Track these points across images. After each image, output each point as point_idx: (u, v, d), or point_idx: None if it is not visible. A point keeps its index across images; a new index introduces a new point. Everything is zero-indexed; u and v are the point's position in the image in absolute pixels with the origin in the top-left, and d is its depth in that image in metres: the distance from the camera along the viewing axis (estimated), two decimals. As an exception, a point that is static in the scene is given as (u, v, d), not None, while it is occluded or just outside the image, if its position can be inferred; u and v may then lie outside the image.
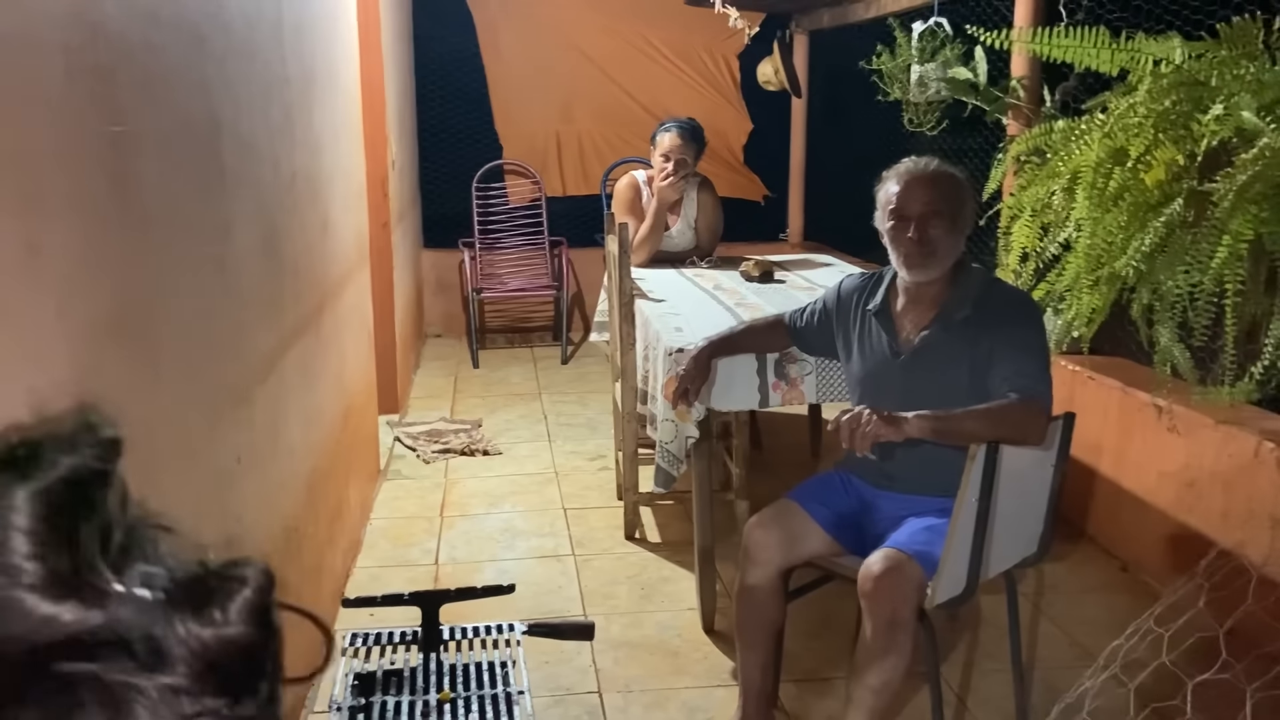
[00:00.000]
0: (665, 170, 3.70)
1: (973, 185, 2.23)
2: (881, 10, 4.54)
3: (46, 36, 1.15)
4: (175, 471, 1.57)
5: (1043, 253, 2.81)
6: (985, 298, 2.11)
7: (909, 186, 2.10)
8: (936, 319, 2.13)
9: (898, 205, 2.11)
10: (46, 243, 1.14)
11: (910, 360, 2.16)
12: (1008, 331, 2.05)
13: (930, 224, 2.08)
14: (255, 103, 2.14)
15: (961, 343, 2.09)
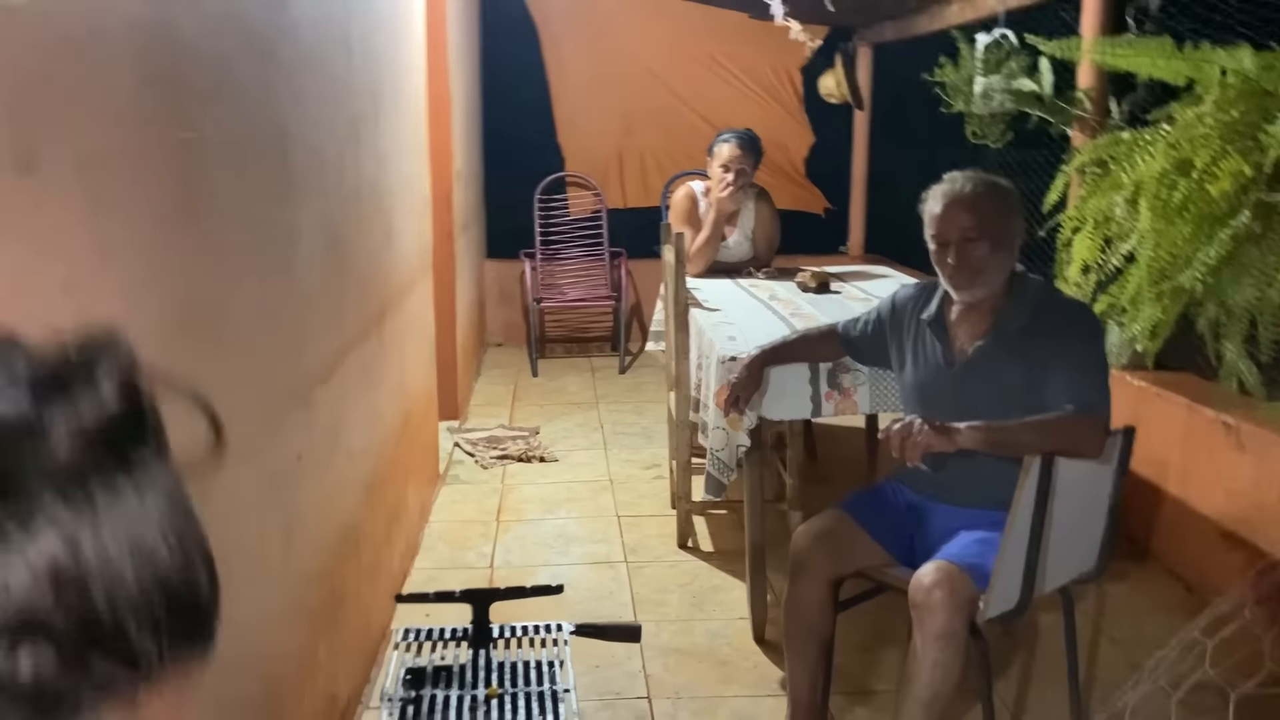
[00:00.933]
0: (724, 180, 3.72)
1: (1025, 197, 2.20)
2: (946, 22, 4.50)
3: (121, 44, 1.22)
4: (238, 467, 1.62)
5: (1104, 265, 2.76)
6: (1042, 308, 2.09)
7: (947, 209, 2.08)
8: (992, 329, 2.11)
9: (937, 229, 2.09)
10: (118, 243, 1.19)
11: (964, 371, 2.14)
12: (1065, 343, 2.02)
13: (970, 248, 2.05)
14: (323, 113, 2.21)
15: (1017, 354, 2.06)
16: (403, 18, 3.28)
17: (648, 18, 5.99)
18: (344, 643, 2.31)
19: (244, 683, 1.65)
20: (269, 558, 1.80)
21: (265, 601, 1.76)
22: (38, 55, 1.02)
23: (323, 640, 2.12)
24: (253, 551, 1.70)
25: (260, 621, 1.73)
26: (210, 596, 0.43)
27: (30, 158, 1.00)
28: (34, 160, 1.00)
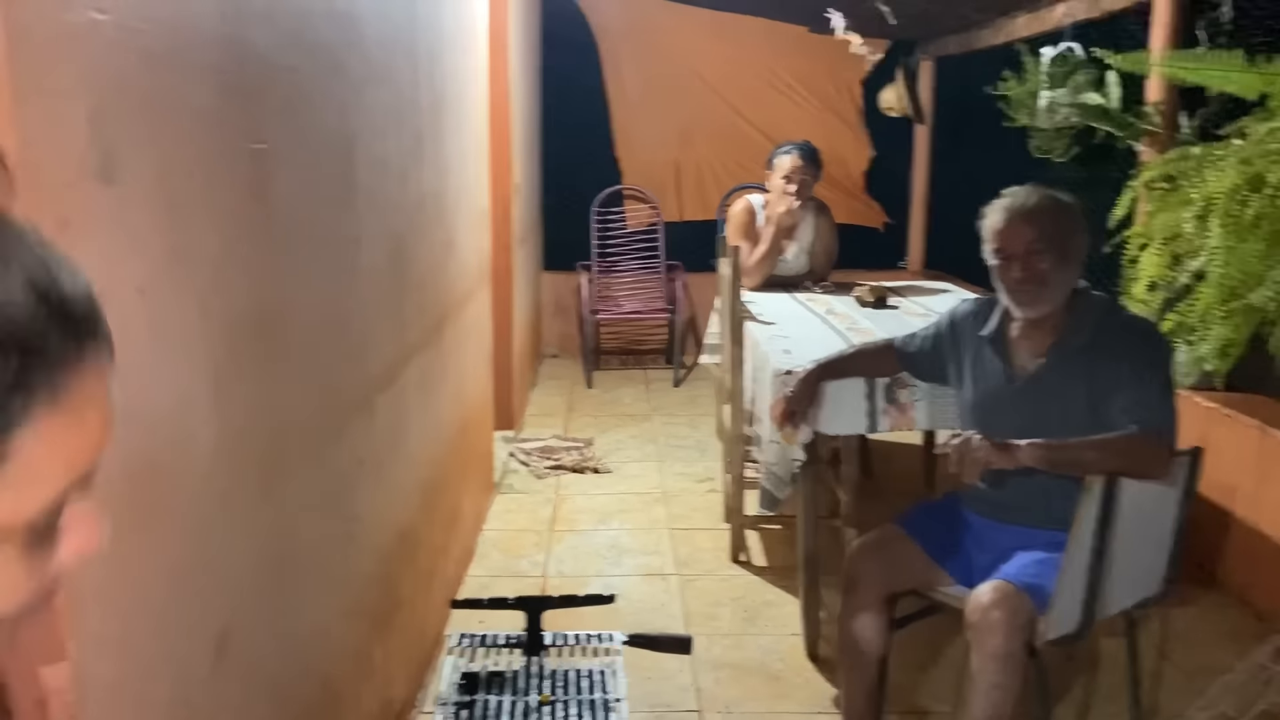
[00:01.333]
0: (785, 192, 3.71)
1: (1089, 212, 2.17)
2: (1011, 35, 4.45)
3: (200, 57, 1.26)
4: (302, 468, 1.66)
5: (1172, 282, 2.70)
6: (1105, 325, 2.05)
7: (1011, 223, 2.06)
8: (1054, 347, 2.08)
9: (1000, 243, 2.07)
10: (192, 249, 1.23)
11: (1025, 388, 2.10)
12: (1130, 361, 1.98)
13: (1034, 261, 2.03)
14: (388, 125, 2.26)
15: (1079, 372, 2.03)
16: (467, 32, 3.33)
17: (706, 32, 6.01)
18: (400, 646, 2.34)
19: (304, 681, 1.68)
20: (331, 559, 1.83)
21: (326, 601, 1.80)
22: (121, 67, 1.06)
23: (379, 643, 2.16)
24: (316, 552, 1.74)
25: (321, 621, 1.76)
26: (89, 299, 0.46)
27: (113, 166, 1.04)
28: (116, 168, 1.04)
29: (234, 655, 1.36)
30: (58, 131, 0.95)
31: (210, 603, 1.30)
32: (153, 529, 1.15)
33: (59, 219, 0.94)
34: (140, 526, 1.11)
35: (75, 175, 0.97)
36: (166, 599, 1.18)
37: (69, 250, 0.97)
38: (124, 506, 1.08)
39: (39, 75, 0.91)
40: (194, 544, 1.25)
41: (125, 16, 1.06)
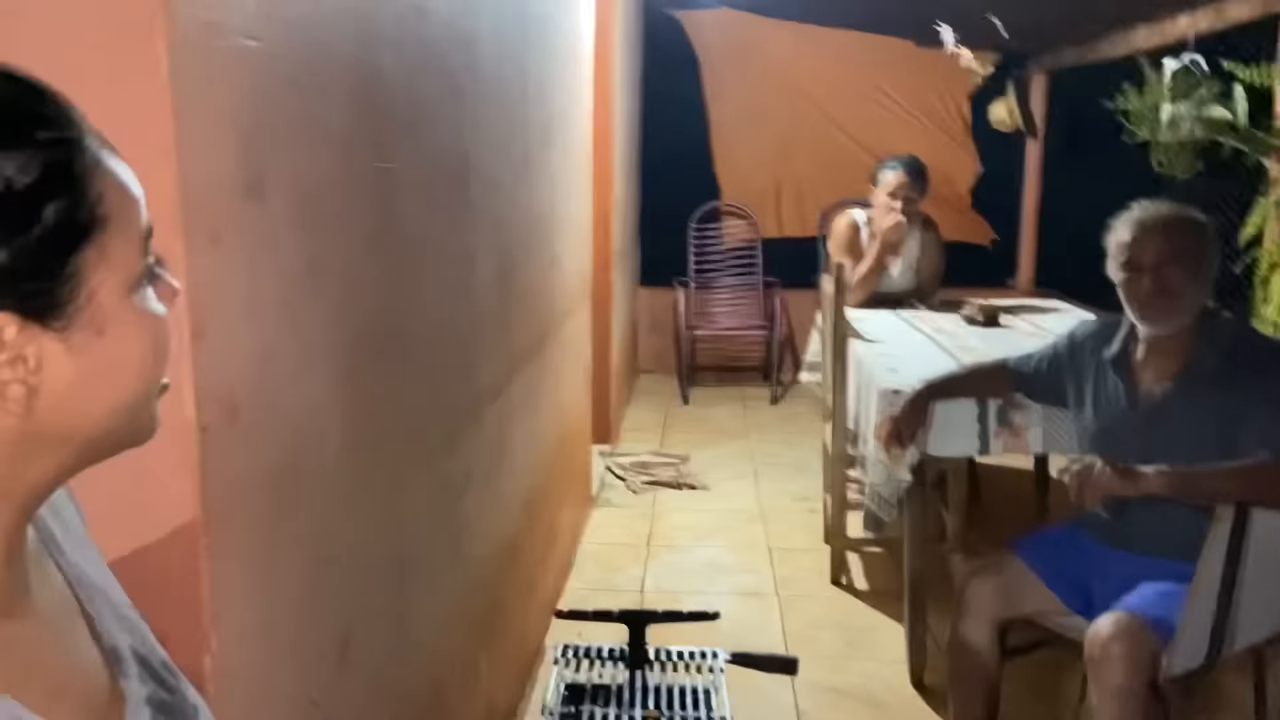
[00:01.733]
0: (890, 208, 3.66)
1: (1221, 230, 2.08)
2: (1130, 48, 4.31)
3: (336, 83, 1.31)
4: (416, 477, 1.70)
5: (1308, 304, 2.57)
6: (1236, 349, 1.96)
7: (1142, 234, 1.99)
8: (1182, 371, 2.00)
9: (1130, 255, 2.00)
10: (326, 263, 1.28)
11: (1150, 414, 2.03)
12: (1262, 386, 1.89)
13: (1166, 274, 1.96)
14: (500, 144, 2.31)
15: (1208, 397, 1.94)
16: (574, 51, 3.39)
17: (808, 47, 5.98)
18: (503, 654, 2.37)
19: (417, 684, 1.72)
20: (441, 566, 1.87)
21: (437, 608, 1.84)
22: (269, 91, 1.11)
23: (484, 650, 2.19)
24: (427, 559, 1.78)
25: (432, 627, 1.80)
26: None
27: (259, 185, 1.09)
28: (262, 187, 1.09)
29: (356, 656, 1.40)
30: (212, 152, 0.99)
31: (336, 603, 1.34)
32: (288, 530, 1.19)
33: (210, 235, 0.99)
34: (277, 528, 1.16)
35: (226, 194, 1.02)
36: (299, 598, 1.23)
37: (221, 266, 1.01)
38: (265, 508, 1.12)
39: (196, 99, 0.96)
40: (323, 546, 1.30)
41: (273, 43, 1.11)
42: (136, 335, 0.54)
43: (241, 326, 1.06)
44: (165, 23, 0.91)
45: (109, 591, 0.65)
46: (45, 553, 0.61)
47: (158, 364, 0.56)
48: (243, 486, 1.07)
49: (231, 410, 1.04)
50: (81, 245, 0.51)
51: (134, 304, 0.54)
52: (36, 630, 0.56)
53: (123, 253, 0.53)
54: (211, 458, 0.99)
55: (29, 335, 0.49)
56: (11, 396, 0.49)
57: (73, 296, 0.50)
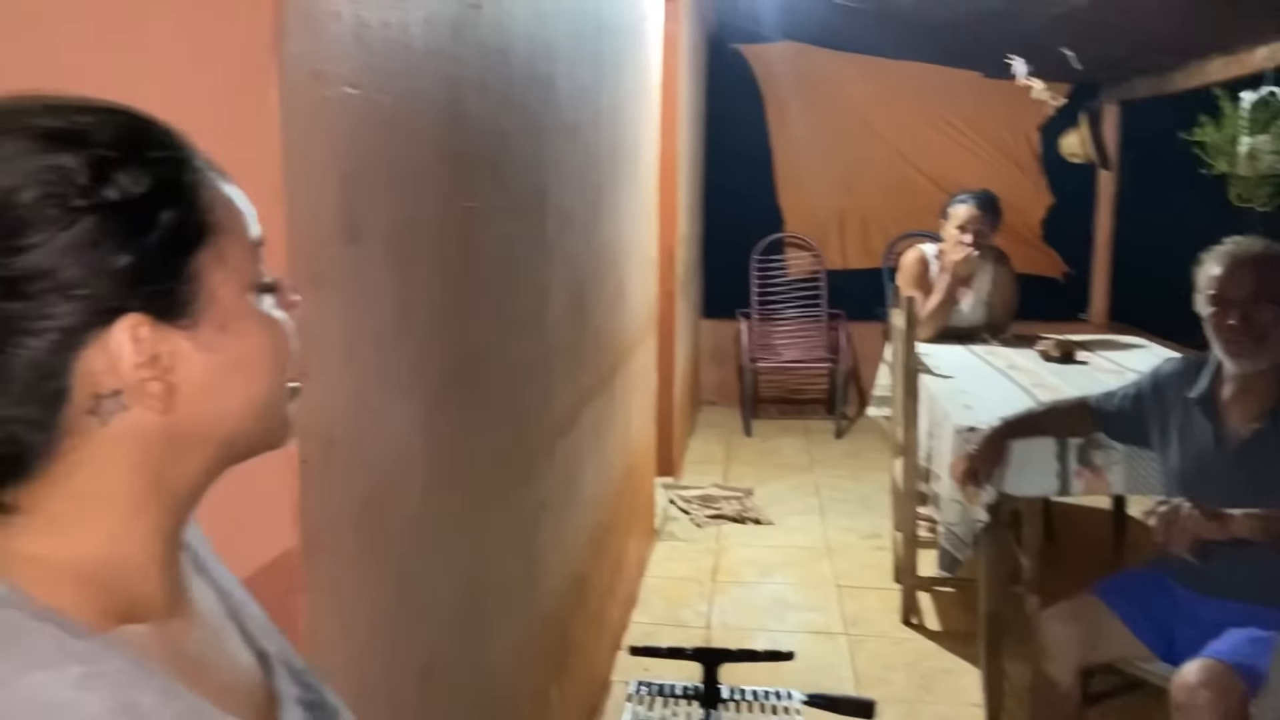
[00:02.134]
0: (961, 242, 3.62)
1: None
2: (1206, 79, 4.22)
3: (427, 124, 1.35)
4: (494, 508, 1.72)
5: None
6: None
7: (1232, 269, 1.95)
8: (1271, 411, 1.94)
9: (1219, 290, 1.95)
10: (415, 301, 1.31)
11: (1238, 455, 1.97)
12: None
13: (1256, 310, 1.91)
14: (573, 179, 2.34)
15: None
16: (642, 85, 3.43)
17: (873, 79, 5.97)
18: (573, 689, 2.37)
19: (491, 713, 1.73)
20: (515, 599, 1.88)
21: (510, 641, 1.85)
22: (367, 136, 1.15)
23: (555, 683, 2.19)
24: (503, 589, 1.79)
25: (506, 659, 1.81)
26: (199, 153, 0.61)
27: (357, 227, 1.12)
28: (359, 230, 1.12)
29: (435, 688, 1.41)
30: (316, 197, 1.03)
31: (418, 635, 1.36)
32: (376, 562, 1.21)
33: (314, 277, 1.02)
34: (365, 561, 1.18)
35: (328, 237, 1.05)
36: (384, 629, 1.25)
37: (323, 308, 1.04)
38: (355, 541, 1.14)
39: (303, 146, 1.00)
40: (407, 578, 1.32)
41: (371, 90, 1.15)
42: (258, 333, 0.59)
43: (340, 364, 1.09)
44: (277, 74, 0.94)
45: (250, 605, 0.69)
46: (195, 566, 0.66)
47: (282, 362, 0.61)
48: (336, 520, 1.09)
49: (329, 444, 1.06)
50: (197, 248, 0.55)
51: (253, 306, 0.59)
52: (201, 630, 0.61)
53: (237, 257, 0.58)
54: (309, 490, 1.02)
55: (161, 335, 0.53)
56: (152, 393, 0.53)
57: (195, 296, 0.55)
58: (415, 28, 1.28)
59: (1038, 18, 4.02)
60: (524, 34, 1.83)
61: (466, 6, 1.49)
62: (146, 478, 0.55)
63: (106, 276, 0.51)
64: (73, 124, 0.52)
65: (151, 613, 0.56)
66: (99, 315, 0.51)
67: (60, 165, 0.50)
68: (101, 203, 0.51)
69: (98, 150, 0.52)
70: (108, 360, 0.52)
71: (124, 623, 0.54)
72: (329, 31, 1.04)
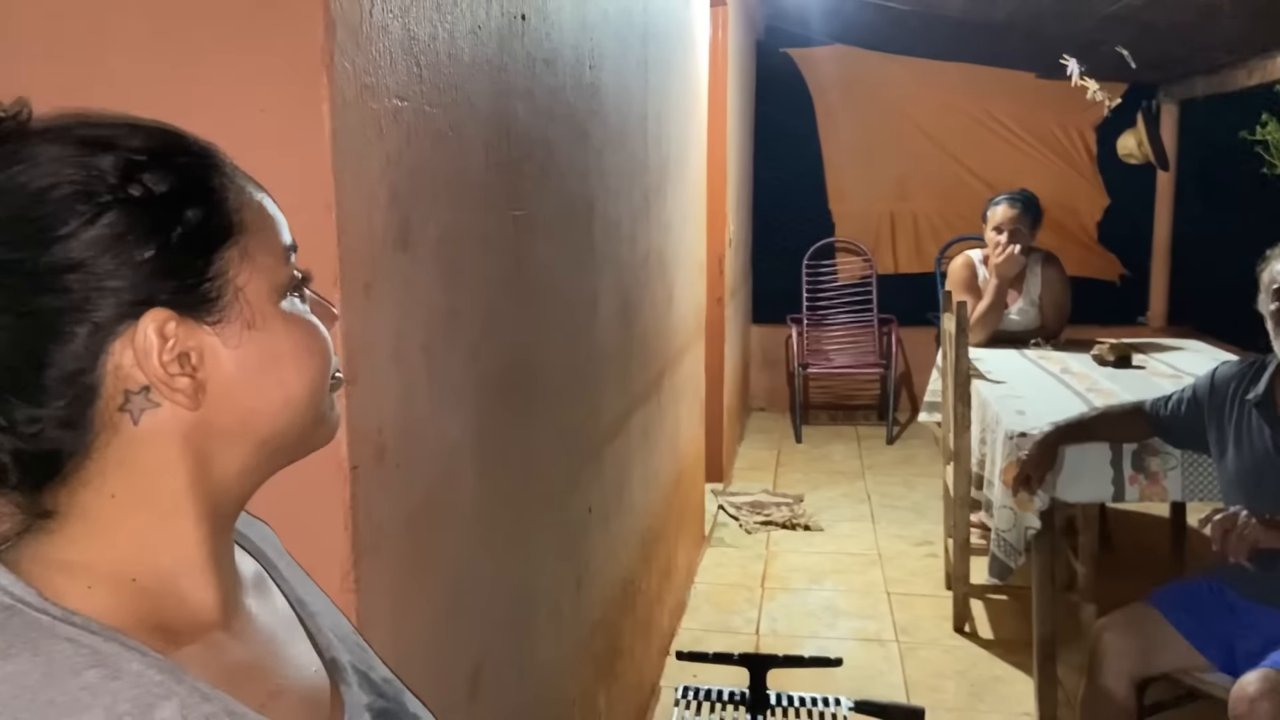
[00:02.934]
0: (999, 243, 3.58)
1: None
2: (1268, 77, 4.12)
3: (475, 135, 1.37)
4: (542, 513, 1.74)
5: None
6: None
7: None
8: None
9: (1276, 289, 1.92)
10: (464, 308, 1.34)
11: None
12: None
13: None
14: (621, 187, 2.36)
15: None
16: (690, 91, 3.44)
17: (924, 81, 5.91)
18: (620, 693, 2.38)
19: (539, 717, 1.74)
20: (563, 602, 1.90)
21: (559, 645, 1.86)
22: (417, 146, 1.18)
23: (603, 688, 2.21)
24: (551, 595, 1.81)
25: (555, 663, 1.83)
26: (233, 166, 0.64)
27: (407, 235, 1.14)
28: (408, 238, 1.15)
29: (484, 690, 1.43)
30: (366, 207, 1.05)
31: (467, 638, 1.38)
32: (426, 567, 1.24)
33: (364, 284, 1.05)
34: (416, 563, 1.20)
35: (379, 245, 1.08)
36: (435, 631, 1.27)
37: (372, 315, 1.07)
38: (406, 544, 1.17)
39: (353, 157, 1.02)
40: (456, 581, 1.34)
41: (420, 102, 1.18)
42: (287, 333, 0.59)
43: (389, 371, 1.11)
44: (328, 87, 0.97)
45: (330, 615, 0.70)
46: (268, 576, 0.67)
47: (318, 362, 0.61)
48: (386, 523, 1.12)
49: (379, 451, 1.09)
50: (223, 246, 0.56)
51: (282, 307, 0.59)
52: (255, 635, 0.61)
53: (265, 258, 0.59)
54: (360, 495, 1.04)
55: (187, 330, 0.55)
56: (181, 389, 0.54)
57: (221, 292, 0.56)
58: (462, 39, 1.31)
59: (1092, 16, 3.95)
60: (570, 43, 1.86)
61: (513, 18, 1.51)
62: (183, 478, 0.56)
63: (132, 268, 0.53)
64: (108, 132, 0.55)
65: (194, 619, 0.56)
66: (127, 308, 0.53)
67: (92, 165, 0.53)
68: (128, 198, 0.53)
69: (127, 153, 0.54)
70: (135, 355, 0.53)
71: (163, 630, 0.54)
72: (378, 45, 1.07)
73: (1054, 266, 3.72)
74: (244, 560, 0.66)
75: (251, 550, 0.68)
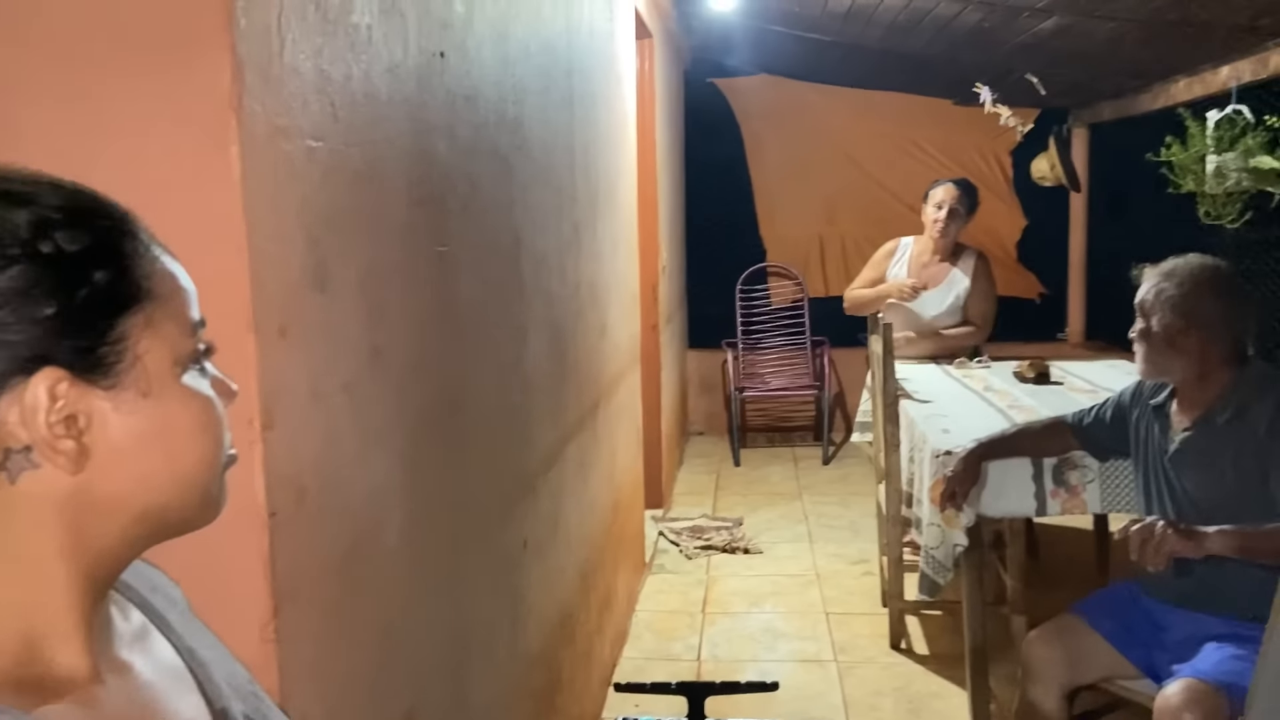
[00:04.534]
0: (937, 220, 3.77)
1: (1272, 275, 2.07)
2: (1171, 100, 4.30)
3: (395, 170, 1.37)
4: (474, 550, 1.73)
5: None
6: (1253, 398, 1.93)
7: (1144, 284, 2.05)
8: (1201, 419, 1.98)
9: (1136, 303, 2.05)
10: (387, 346, 1.33)
11: (1175, 460, 2.01)
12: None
13: (1147, 321, 2.01)
14: (549, 219, 2.37)
15: (1223, 446, 1.93)
16: (618, 123, 3.47)
17: (847, 109, 6.06)
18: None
19: (475, 762, 1.72)
20: (499, 640, 1.88)
21: (496, 680, 1.85)
22: (333, 186, 1.17)
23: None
24: (486, 633, 1.80)
25: (491, 702, 1.81)
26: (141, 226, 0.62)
27: (324, 276, 1.14)
28: (326, 279, 1.14)
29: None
30: (281, 249, 1.05)
31: (399, 684, 1.36)
32: (353, 612, 1.22)
33: (279, 327, 1.04)
34: (343, 611, 1.19)
35: (295, 286, 1.07)
36: (363, 677, 1.25)
37: (289, 357, 1.06)
38: (330, 589, 1.15)
39: (266, 200, 1.02)
40: (385, 624, 1.32)
41: (336, 141, 1.18)
42: (183, 406, 0.58)
43: (308, 413, 1.10)
44: (237, 130, 0.97)
45: (223, 664, 0.69)
46: (154, 627, 0.65)
47: (210, 440, 0.60)
48: (309, 570, 1.10)
49: (299, 495, 1.07)
50: (127, 311, 0.56)
51: (182, 379, 0.58)
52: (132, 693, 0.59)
53: (170, 328, 0.58)
54: (279, 543, 1.03)
55: (79, 392, 0.54)
56: (64, 451, 0.53)
57: (120, 357, 0.55)
58: (379, 79, 1.31)
59: (1003, 46, 4.09)
60: (492, 79, 1.87)
61: (431, 55, 1.52)
62: (56, 543, 0.55)
63: (31, 324, 0.52)
64: (28, 189, 0.55)
65: (62, 677, 0.55)
66: (21, 363, 0.52)
67: (6, 219, 0.53)
68: (36, 253, 0.52)
69: (44, 210, 0.54)
70: (22, 412, 0.52)
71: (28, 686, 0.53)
72: (289, 88, 1.07)
73: (984, 265, 3.86)
74: (128, 612, 0.64)
75: (137, 601, 0.66)
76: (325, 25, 1.15)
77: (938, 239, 3.80)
